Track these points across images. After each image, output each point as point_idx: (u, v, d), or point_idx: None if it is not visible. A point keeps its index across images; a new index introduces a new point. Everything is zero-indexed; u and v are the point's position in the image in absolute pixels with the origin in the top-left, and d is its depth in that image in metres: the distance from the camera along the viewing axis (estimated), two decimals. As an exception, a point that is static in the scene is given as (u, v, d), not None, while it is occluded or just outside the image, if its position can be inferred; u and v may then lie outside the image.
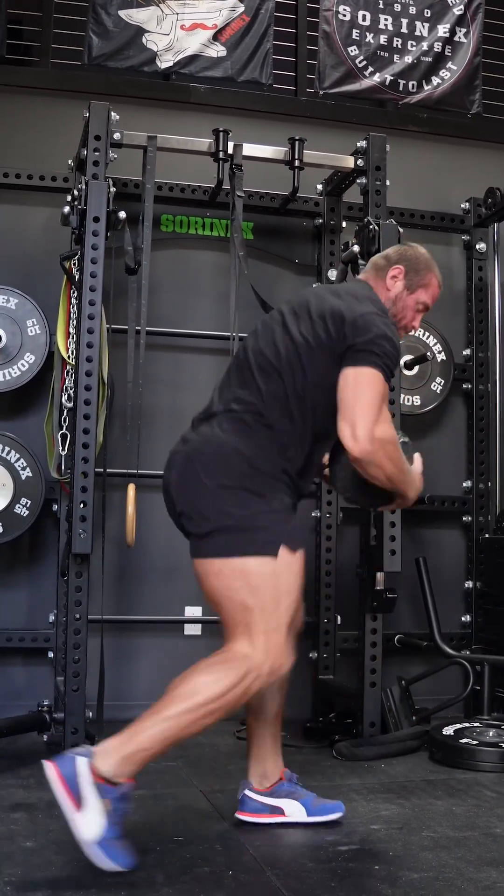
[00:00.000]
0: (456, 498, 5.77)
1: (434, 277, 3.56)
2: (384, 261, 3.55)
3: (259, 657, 3.04)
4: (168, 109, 5.68)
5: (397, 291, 3.48)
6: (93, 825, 2.85)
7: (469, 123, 6.19)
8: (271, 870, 3.02)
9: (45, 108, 5.56)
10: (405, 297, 3.49)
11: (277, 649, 3.07)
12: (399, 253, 3.56)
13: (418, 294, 3.51)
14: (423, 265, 3.53)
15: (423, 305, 3.54)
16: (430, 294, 3.55)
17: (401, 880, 2.94)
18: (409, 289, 3.49)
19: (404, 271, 3.49)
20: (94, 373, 4.51)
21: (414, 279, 3.50)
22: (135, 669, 5.34)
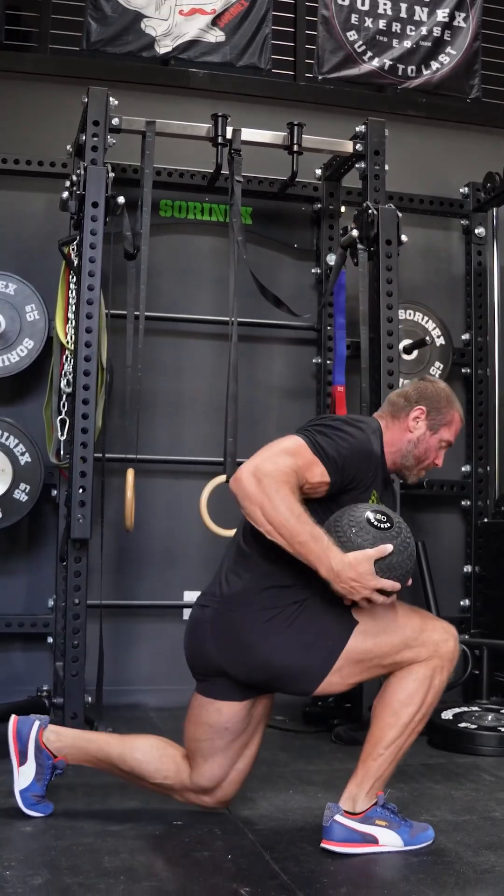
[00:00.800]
0: (455, 482, 5.78)
1: (456, 413, 3.37)
2: (404, 401, 3.33)
3: (429, 651, 3.04)
4: (167, 95, 5.67)
5: (420, 433, 3.29)
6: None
7: (468, 108, 6.17)
8: (270, 854, 3.03)
9: (44, 93, 5.55)
10: (428, 438, 3.30)
11: (438, 633, 3.07)
12: (419, 392, 3.34)
13: (441, 433, 3.32)
14: (444, 403, 3.34)
15: (446, 443, 3.37)
16: (453, 431, 3.37)
17: (399, 864, 2.95)
18: (432, 429, 3.30)
19: (426, 412, 3.30)
20: (92, 358, 4.51)
21: (436, 419, 3.31)
22: (134, 654, 5.35)
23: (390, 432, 3.27)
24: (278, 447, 2.95)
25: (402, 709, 3.06)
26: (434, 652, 3.05)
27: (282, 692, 3.17)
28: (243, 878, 2.81)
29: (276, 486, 2.84)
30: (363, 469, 3.07)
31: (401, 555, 2.93)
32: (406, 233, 4.92)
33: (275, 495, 2.83)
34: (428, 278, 5.96)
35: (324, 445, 2.99)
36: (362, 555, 2.88)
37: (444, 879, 2.82)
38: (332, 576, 2.87)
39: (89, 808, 3.45)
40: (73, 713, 4.37)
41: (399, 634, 3.03)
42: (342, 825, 3.03)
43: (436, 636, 3.07)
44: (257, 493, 2.85)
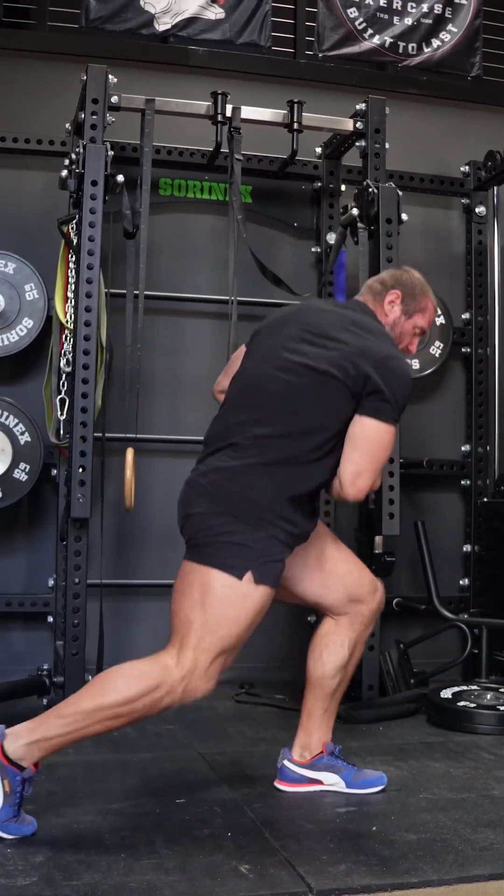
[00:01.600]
0: (455, 462, 5.77)
1: (430, 301, 3.56)
2: (380, 285, 3.53)
3: (178, 674, 2.99)
4: (166, 72, 5.64)
5: (395, 317, 3.48)
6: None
7: (469, 86, 6.14)
8: (270, 831, 3.05)
9: (43, 71, 5.52)
10: (403, 323, 3.49)
11: (199, 672, 3.01)
12: (395, 278, 3.55)
13: (415, 319, 3.51)
14: (419, 290, 3.54)
15: (419, 330, 3.54)
16: (427, 318, 3.56)
17: (398, 841, 2.96)
18: (407, 314, 3.49)
19: (401, 296, 3.49)
20: (92, 337, 4.51)
21: (411, 304, 3.50)
22: (134, 633, 5.35)
23: (378, 321, 3.46)
24: (386, 452, 3.25)
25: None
26: (182, 673, 3.00)
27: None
28: (243, 856, 2.83)
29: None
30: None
31: None
32: (406, 211, 4.91)
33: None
34: (428, 257, 5.94)
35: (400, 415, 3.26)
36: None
37: (443, 857, 2.83)
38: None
39: (89, 786, 3.46)
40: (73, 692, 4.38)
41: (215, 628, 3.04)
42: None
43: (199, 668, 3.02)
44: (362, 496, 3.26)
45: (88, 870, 2.68)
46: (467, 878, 2.71)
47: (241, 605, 3.04)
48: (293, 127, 5.01)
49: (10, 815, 2.88)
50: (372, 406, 3.17)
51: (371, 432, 3.18)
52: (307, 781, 3.46)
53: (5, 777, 2.86)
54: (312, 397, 3.17)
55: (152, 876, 2.66)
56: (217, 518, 3.09)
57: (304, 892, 2.60)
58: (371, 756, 3.92)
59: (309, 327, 3.30)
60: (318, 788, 3.45)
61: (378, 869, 2.74)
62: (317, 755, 3.49)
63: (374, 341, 3.26)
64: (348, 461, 3.18)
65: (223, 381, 3.59)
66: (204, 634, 3.01)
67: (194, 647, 3.00)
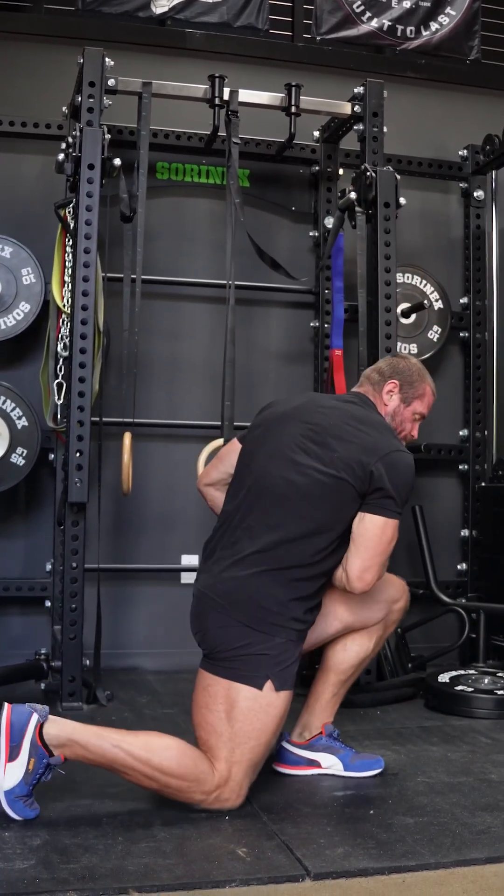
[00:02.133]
0: (452, 446, 5.77)
1: (428, 386, 3.61)
2: (378, 375, 3.59)
3: (214, 782, 3.03)
4: (163, 55, 5.61)
5: (394, 406, 3.54)
6: (12, 777, 2.90)
7: (468, 70, 6.12)
8: (267, 815, 3.05)
9: (39, 54, 5.48)
10: (402, 411, 3.55)
11: (233, 784, 3.05)
12: (392, 367, 3.61)
13: (414, 405, 3.58)
14: (416, 377, 3.59)
15: (419, 415, 3.61)
16: (426, 404, 3.62)
17: (396, 825, 2.97)
18: (405, 402, 3.55)
19: (399, 385, 3.54)
20: (89, 321, 4.49)
21: (409, 392, 3.56)
22: (131, 618, 5.36)
23: (379, 413, 3.51)
24: (390, 546, 3.28)
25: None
26: (216, 791, 3.05)
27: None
28: (241, 839, 2.83)
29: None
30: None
31: None
32: (404, 196, 4.90)
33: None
34: (426, 241, 5.93)
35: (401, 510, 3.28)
36: None
37: (440, 840, 2.84)
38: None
39: (87, 770, 3.45)
40: (71, 676, 4.39)
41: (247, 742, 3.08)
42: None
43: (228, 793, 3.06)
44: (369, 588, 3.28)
45: (86, 853, 2.69)
46: (464, 861, 2.72)
47: (265, 714, 3.10)
48: (291, 110, 4.99)
49: (23, 793, 2.91)
50: (376, 503, 3.21)
51: (377, 529, 3.22)
52: (305, 763, 3.49)
53: (34, 756, 2.90)
54: (322, 501, 3.21)
55: (150, 859, 2.67)
56: (232, 630, 3.13)
57: (301, 875, 2.60)
58: (369, 740, 3.93)
59: (313, 427, 3.32)
60: (316, 772, 3.47)
61: (375, 852, 2.75)
62: (315, 736, 3.52)
63: (376, 437, 3.29)
64: (355, 557, 3.22)
65: (210, 474, 3.67)
66: (234, 747, 3.06)
67: (226, 758, 3.06)
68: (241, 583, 3.15)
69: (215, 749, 3.06)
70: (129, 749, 2.96)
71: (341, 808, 3.14)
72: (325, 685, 3.54)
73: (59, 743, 2.93)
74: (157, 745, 3.01)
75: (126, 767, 2.96)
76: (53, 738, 2.93)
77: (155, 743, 3.02)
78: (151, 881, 2.53)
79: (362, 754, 3.54)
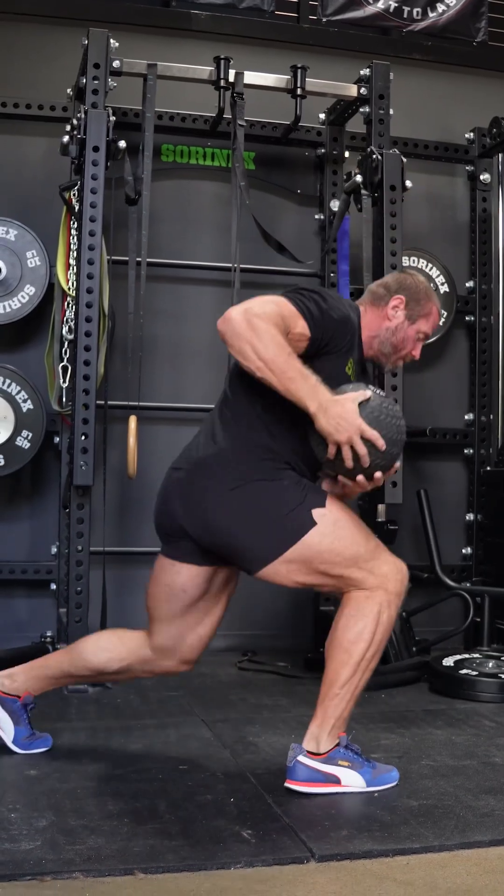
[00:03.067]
0: (458, 430, 5.76)
1: (434, 306, 3.49)
2: (383, 290, 3.45)
3: (377, 582, 3.07)
4: (168, 37, 5.59)
5: (398, 322, 3.40)
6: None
7: (474, 52, 6.09)
8: (272, 797, 3.06)
9: (44, 35, 5.46)
10: (406, 328, 3.41)
11: (389, 565, 3.10)
12: (399, 282, 3.48)
13: (419, 324, 3.43)
14: (423, 295, 3.46)
15: (423, 335, 3.48)
16: (431, 324, 3.49)
17: (400, 808, 2.98)
18: (410, 319, 3.41)
19: (405, 301, 3.41)
20: (94, 304, 4.49)
21: (415, 309, 3.42)
22: (136, 600, 5.31)
23: (368, 317, 3.39)
24: (263, 298, 3.05)
25: (353, 646, 3.11)
26: (381, 584, 3.08)
27: (230, 562, 3.23)
28: (245, 821, 2.84)
29: (266, 325, 2.93)
30: (340, 331, 3.16)
31: (384, 414, 3.04)
32: (410, 178, 4.88)
33: (265, 334, 2.92)
34: (432, 225, 5.92)
35: (305, 303, 3.08)
36: (346, 396, 3.01)
37: (444, 823, 2.85)
38: (320, 411, 2.95)
39: (93, 752, 3.48)
40: (76, 659, 4.40)
41: (353, 549, 3.08)
42: (305, 765, 3.10)
43: (385, 568, 3.11)
44: (247, 331, 2.93)
45: (92, 834, 2.70)
46: (468, 843, 2.72)
47: (336, 524, 3.08)
48: (296, 92, 4.98)
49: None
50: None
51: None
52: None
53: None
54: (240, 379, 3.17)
55: (155, 841, 2.67)
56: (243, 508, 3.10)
57: (306, 857, 2.61)
58: (373, 723, 3.93)
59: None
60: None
61: (380, 834, 2.76)
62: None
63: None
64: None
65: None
66: (356, 551, 3.09)
67: (365, 560, 3.09)
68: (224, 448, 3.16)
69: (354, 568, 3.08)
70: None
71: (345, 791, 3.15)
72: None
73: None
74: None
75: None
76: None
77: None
78: (157, 862, 2.54)
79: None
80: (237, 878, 2.50)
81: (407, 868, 2.58)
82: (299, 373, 2.95)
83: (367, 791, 3.12)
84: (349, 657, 3.09)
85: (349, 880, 2.51)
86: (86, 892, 2.39)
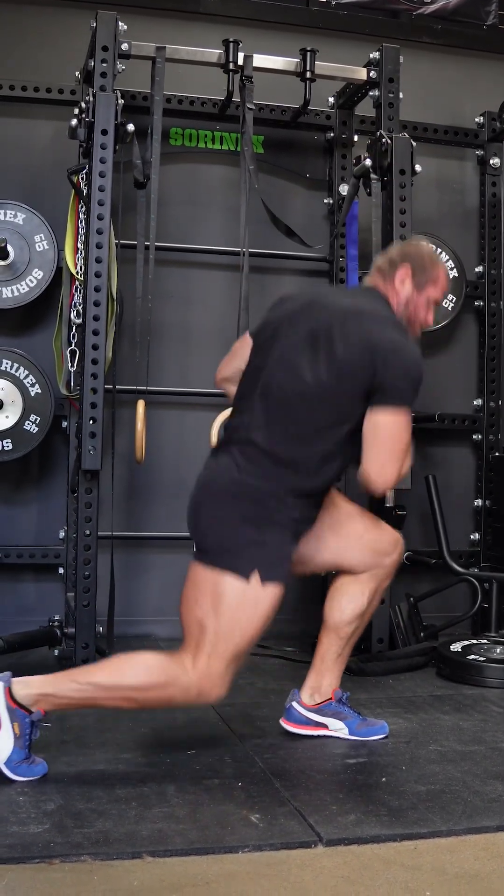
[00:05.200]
0: (466, 416, 5.75)
1: (441, 271, 3.48)
2: (388, 264, 3.46)
3: (192, 678, 3.05)
4: (177, 20, 5.56)
5: (407, 293, 3.41)
6: (4, 746, 2.95)
7: (484, 35, 6.05)
8: (280, 781, 3.07)
9: (52, 18, 5.44)
10: (416, 298, 3.42)
11: (213, 677, 3.06)
12: (402, 253, 3.48)
13: (428, 291, 3.43)
14: (428, 261, 3.46)
15: (433, 301, 3.48)
16: (440, 288, 3.48)
17: (408, 792, 2.98)
18: (418, 288, 3.41)
19: (411, 271, 3.41)
20: (102, 288, 4.48)
21: (422, 277, 3.42)
22: (144, 585, 5.37)
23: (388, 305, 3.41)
24: (403, 439, 3.21)
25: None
26: (196, 681, 3.06)
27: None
28: (253, 805, 2.85)
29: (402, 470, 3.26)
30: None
31: None
32: (420, 163, 4.86)
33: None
34: (441, 209, 5.89)
35: (417, 392, 3.21)
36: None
37: (452, 808, 2.85)
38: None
39: (101, 736, 3.48)
40: (84, 643, 4.42)
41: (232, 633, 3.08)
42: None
43: (209, 681, 3.08)
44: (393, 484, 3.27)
45: (100, 818, 2.71)
46: (476, 828, 2.73)
47: (252, 609, 3.10)
48: (306, 76, 4.96)
49: (21, 758, 2.96)
50: (383, 396, 3.15)
51: (387, 422, 3.16)
52: (313, 725, 3.55)
53: (15, 720, 2.94)
54: (325, 402, 3.19)
55: (163, 824, 2.68)
56: (225, 523, 3.15)
57: (313, 841, 2.62)
58: (381, 708, 3.94)
59: (318, 327, 3.25)
60: (322, 733, 3.53)
61: (387, 819, 2.77)
62: (325, 700, 3.56)
63: (376, 330, 3.22)
64: (369, 458, 3.18)
65: (225, 370, 3.65)
66: (218, 641, 3.06)
67: (209, 653, 3.05)
68: (239, 478, 3.16)
69: (199, 642, 3.07)
70: (98, 682, 3.02)
71: (353, 776, 3.16)
72: (329, 645, 3.58)
73: (32, 700, 2.98)
74: (122, 667, 3.08)
75: (102, 699, 3.04)
76: (25, 697, 2.98)
77: (120, 666, 3.09)
78: (165, 846, 2.55)
79: (369, 720, 3.60)
80: (245, 862, 2.51)
81: (415, 853, 2.59)
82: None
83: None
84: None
85: (357, 865, 2.51)
86: (94, 875, 2.40)
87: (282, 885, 2.39)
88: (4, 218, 5.03)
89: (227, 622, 3.06)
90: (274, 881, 2.41)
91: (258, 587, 3.08)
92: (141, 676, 3.02)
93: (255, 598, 3.08)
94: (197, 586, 3.14)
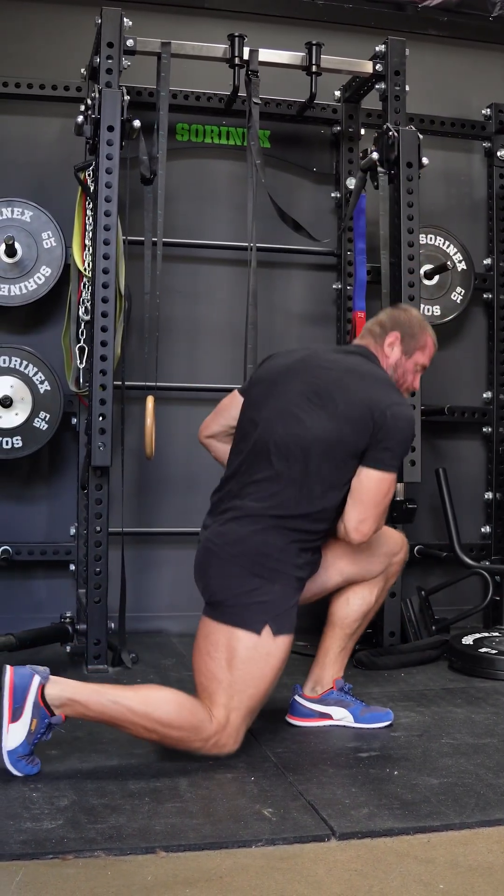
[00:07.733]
0: (476, 409, 5.74)
1: (429, 338, 3.62)
2: (379, 328, 3.61)
3: (212, 729, 3.10)
4: (182, 15, 5.55)
5: (396, 358, 3.57)
6: (15, 737, 2.96)
7: (491, 27, 6.02)
8: (293, 775, 3.07)
9: (56, 14, 5.43)
10: (404, 363, 3.58)
11: (230, 730, 3.14)
12: (392, 319, 3.63)
13: (416, 357, 3.60)
14: (417, 328, 3.60)
15: (421, 367, 3.63)
16: (427, 355, 3.64)
17: (420, 786, 2.99)
18: (407, 354, 3.58)
19: (400, 337, 3.56)
20: (110, 285, 4.48)
21: (410, 344, 3.58)
22: (155, 581, 5.38)
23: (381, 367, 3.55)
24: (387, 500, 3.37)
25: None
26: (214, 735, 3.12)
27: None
28: (266, 800, 2.85)
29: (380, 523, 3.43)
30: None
31: None
32: (427, 155, 4.85)
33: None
34: (449, 202, 5.88)
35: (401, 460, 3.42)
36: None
37: (465, 801, 2.85)
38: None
39: (114, 732, 3.47)
40: (96, 639, 4.42)
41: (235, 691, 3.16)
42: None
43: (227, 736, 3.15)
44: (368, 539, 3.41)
45: (113, 813, 2.72)
46: (489, 821, 2.74)
47: (265, 662, 3.18)
48: (311, 70, 4.95)
49: (25, 753, 2.98)
50: (374, 457, 3.30)
51: (373, 483, 3.31)
52: (317, 716, 3.62)
53: (36, 717, 2.95)
54: (326, 455, 3.29)
55: (176, 819, 2.69)
56: (233, 577, 3.22)
57: (327, 835, 2.62)
58: (393, 702, 3.94)
59: (316, 381, 3.38)
60: (327, 723, 3.59)
61: (400, 812, 2.77)
62: (327, 690, 3.62)
63: (377, 391, 3.36)
64: (352, 510, 3.32)
65: (211, 426, 3.76)
66: (233, 694, 3.14)
67: (225, 705, 3.13)
68: (244, 534, 3.23)
69: (214, 695, 3.13)
70: (129, 704, 3.02)
71: (366, 769, 3.16)
72: (333, 640, 3.64)
73: (60, 703, 2.99)
74: (156, 698, 3.10)
75: (126, 722, 3.03)
76: (55, 699, 2.98)
77: (153, 696, 3.11)
78: (178, 841, 2.55)
79: (372, 707, 3.66)
80: (258, 857, 2.51)
81: (428, 846, 2.59)
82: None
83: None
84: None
85: (370, 858, 2.51)
86: (107, 870, 2.41)
87: (295, 878, 2.40)
88: (12, 215, 5.04)
89: (241, 676, 3.14)
90: (287, 875, 2.41)
91: (269, 640, 3.17)
92: (172, 714, 3.05)
93: (266, 651, 3.17)
94: (209, 640, 3.21)
